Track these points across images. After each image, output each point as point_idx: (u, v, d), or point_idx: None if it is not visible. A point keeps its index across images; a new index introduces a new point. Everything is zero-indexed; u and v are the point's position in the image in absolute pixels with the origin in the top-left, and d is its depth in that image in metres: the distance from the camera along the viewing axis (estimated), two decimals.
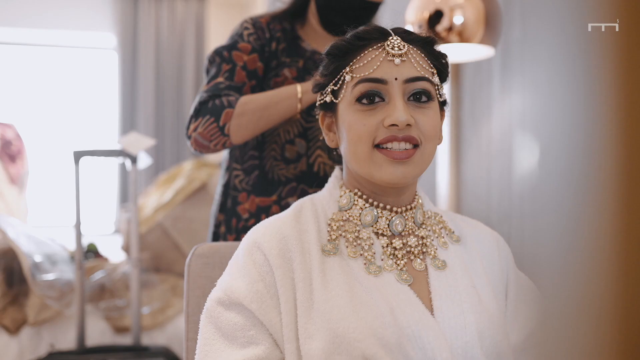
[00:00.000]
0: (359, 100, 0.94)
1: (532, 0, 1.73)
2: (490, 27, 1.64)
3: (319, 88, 1.02)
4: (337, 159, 1.09)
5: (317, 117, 1.09)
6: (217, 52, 1.42)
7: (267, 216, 1.36)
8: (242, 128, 1.31)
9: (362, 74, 0.94)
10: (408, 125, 0.92)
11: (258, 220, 1.37)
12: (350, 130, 0.94)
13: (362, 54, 0.95)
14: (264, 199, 1.38)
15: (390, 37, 0.95)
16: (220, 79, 1.37)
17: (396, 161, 0.92)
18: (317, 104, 1.04)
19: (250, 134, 1.33)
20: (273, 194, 1.38)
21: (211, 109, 1.33)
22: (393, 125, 0.91)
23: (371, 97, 0.93)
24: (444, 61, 1.00)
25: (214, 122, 1.31)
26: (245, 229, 1.37)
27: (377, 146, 0.93)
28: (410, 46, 0.95)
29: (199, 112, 1.35)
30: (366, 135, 0.93)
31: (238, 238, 1.39)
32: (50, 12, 4.65)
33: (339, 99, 0.97)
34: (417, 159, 0.94)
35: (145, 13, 4.80)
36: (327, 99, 0.99)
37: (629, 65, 0.36)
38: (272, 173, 1.39)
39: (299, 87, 1.29)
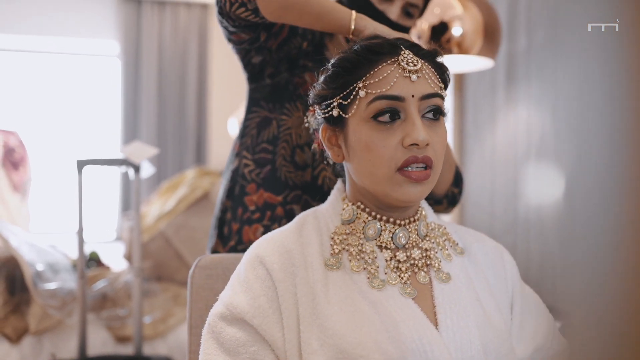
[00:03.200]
0: (374, 117, 0.92)
1: (537, 11, 1.73)
2: (489, 39, 1.64)
3: (321, 100, 0.99)
4: (341, 174, 1.07)
5: (307, 124, 1.07)
6: None
7: (272, 214, 1.35)
8: None
9: (378, 91, 0.92)
10: (427, 144, 0.91)
11: (263, 216, 1.36)
12: (369, 151, 0.93)
13: (375, 69, 0.93)
14: (272, 195, 1.36)
15: (402, 52, 0.94)
16: None
17: (415, 182, 0.91)
18: (317, 116, 1.02)
19: (282, 3, 1.20)
20: (280, 194, 1.36)
21: None
22: (413, 145, 0.90)
23: (388, 115, 0.92)
24: (448, 73, 1.00)
25: None
26: (250, 221, 1.36)
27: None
28: (422, 61, 0.95)
29: None
30: (387, 157, 0.91)
31: (241, 228, 1.37)
32: (53, 19, 4.66)
33: (349, 114, 0.95)
34: (431, 179, 0.93)
35: (148, 20, 4.81)
36: (334, 112, 0.97)
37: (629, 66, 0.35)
38: (281, 172, 1.37)
39: (354, 12, 1.19)
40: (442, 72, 0.98)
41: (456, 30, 1.62)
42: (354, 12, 1.18)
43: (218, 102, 4.96)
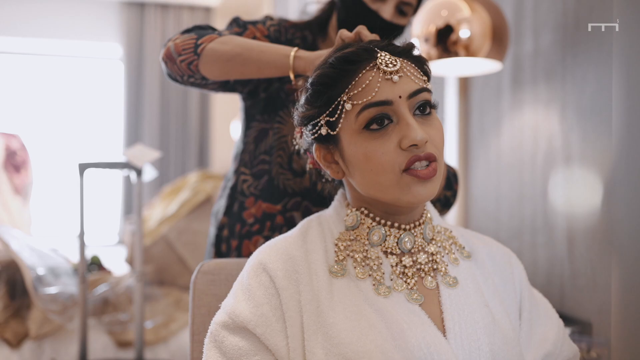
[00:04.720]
0: (367, 127, 0.90)
1: (544, 13, 1.72)
2: (497, 41, 1.62)
3: (308, 120, 0.97)
4: (341, 185, 1.05)
5: (295, 145, 1.05)
6: (234, 19, 1.40)
7: (272, 224, 1.34)
8: (215, 55, 1.23)
9: (364, 100, 0.90)
10: (425, 141, 0.89)
11: (263, 227, 1.34)
12: (369, 161, 0.90)
13: (356, 79, 0.91)
14: (271, 205, 1.35)
15: (379, 55, 0.92)
16: (226, 32, 1.34)
17: (424, 180, 0.89)
18: (307, 138, 0.99)
19: (221, 68, 1.24)
20: (279, 202, 1.35)
21: (200, 31, 1.30)
22: (412, 145, 0.88)
23: (380, 121, 0.90)
24: (427, 65, 0.98)
25: (194, 38, 1.26)
26: (249, 235, 1.35)
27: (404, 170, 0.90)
28: (400, 59, 0.93)
29: (190, 31, 1.32)
30: (389, 163, 0.89)
31: (241, 244, 1.36)
32: (57, 22, 4.66)
33: (338, 129, 0.93)
34: (437, 174, 0.91)
35: (151, 23, 4.81)
36: (323, 131, 0.94)
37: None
38: (278, 181, 1.36)
39: (295, 49, 1.19)
40: (421, 64, 0.96)
41: (464, 33, 1.60)
42: (295, 49, 1.17)
43: (221, 105, 4.95)
